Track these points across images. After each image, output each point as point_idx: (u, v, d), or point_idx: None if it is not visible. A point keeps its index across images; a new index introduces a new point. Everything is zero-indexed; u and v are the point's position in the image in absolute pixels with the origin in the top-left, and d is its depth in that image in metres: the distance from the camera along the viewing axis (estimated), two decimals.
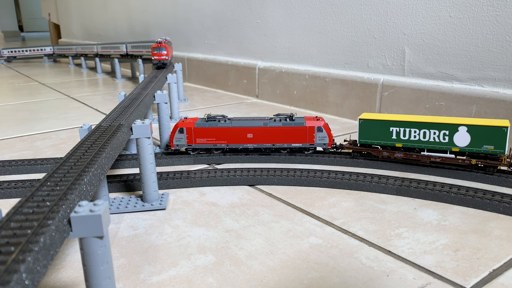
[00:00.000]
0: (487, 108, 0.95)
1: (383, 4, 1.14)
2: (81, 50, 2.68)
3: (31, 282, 0.31)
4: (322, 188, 0.76)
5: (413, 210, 0.66)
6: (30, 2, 7.40)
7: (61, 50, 2.99)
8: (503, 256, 0.53)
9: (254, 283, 0.49)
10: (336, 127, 1.17)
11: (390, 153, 0.81)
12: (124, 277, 0.51)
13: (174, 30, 2.09)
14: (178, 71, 1.54)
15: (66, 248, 0.57)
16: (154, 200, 0.69)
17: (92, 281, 0.39)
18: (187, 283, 0.49)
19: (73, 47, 2.79)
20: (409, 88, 1.10)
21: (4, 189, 0.73)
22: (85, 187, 0.46)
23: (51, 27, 4.18)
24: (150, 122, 0.67)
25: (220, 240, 0.58)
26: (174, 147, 0.87)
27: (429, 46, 1.06)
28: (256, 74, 1.59)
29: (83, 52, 2.66)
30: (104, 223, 0.38)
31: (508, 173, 0.75)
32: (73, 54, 2.82)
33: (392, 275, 0.50)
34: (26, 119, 1.34)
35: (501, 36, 0.92)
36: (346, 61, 1.27)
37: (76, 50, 2.75)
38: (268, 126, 0.85)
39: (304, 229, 0.61)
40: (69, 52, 2.88)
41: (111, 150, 0.58)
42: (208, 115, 0.88)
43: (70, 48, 2.86)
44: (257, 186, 0.77)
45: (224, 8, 1.72)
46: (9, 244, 0.33)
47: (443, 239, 0.57)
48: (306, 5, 1.36)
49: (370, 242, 0.57)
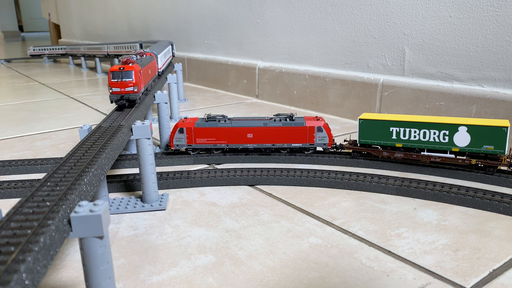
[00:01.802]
0: (487, 108, 0.95)
1: (383, 4, 1.14)
2: (94, 50, 2.50)
3: (31, 282, 0.31)
4: (322, 188, 0.76)
5: (413, 210, 0.66)
6: (30, 2, 7.40)
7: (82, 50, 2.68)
8: (503, 256, 0.53)
9: (254, 283, 0.49)
10: (336, 127, 1.17)
11: (390, 153, 0.81)
12: (124, 277, 0.51)
13: (174, 30, 2.09)
14: (178, 71, 1.54)
15: (66, 248, 0.57)
16: (154, 201, 0.69)
17: (92, 281, 0.39)
18: (187, 283, 0.49)
19: (102, 45, 2.43)
20: (409, 88, 1.10)
21: (4, 189, 0.73)
22: (85, 187, 0.46)
23: (51, 27, 4.18)
24: (150, 123, 0.67)
25: (220, 240, 0.58)
26: (174, 147, 0.87)
27: (429, 46, 1.06)
28: (256, 74, 1.59)
29: (96, 52, 2.47)
30: (104, 223, 0.38)
31: (508, 173, 0.75)
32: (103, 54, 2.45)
33: (392, 275, 0.50)
34: (26, 119, 1.34)
35: (501, 36, 0.92)
36: (346, 61, 1.27)
37: (103, 49, 2.40)
38: (268, 126, 0.85)
39: (304, 229, 0.61)
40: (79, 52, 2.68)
41: (111, 151, 0.58)
42: (208, 115, 0.88)
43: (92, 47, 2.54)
44: (257, 186, 0.77)
45: (224, 8, 1.72)
46: (9, 244, 0.33)
47: (443, 239, 0.57)
48: (306, 5, 1.36)
49: (370, 242, 0.57)
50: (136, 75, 0.82)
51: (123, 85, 0.81)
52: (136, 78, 0.82)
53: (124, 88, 0.81)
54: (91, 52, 2.51)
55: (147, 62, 0.98)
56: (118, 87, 0.81)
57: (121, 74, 0.81)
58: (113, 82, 0.81)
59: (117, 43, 2.27)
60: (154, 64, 1.13)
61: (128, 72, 0.81)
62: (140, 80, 0.85)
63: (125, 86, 0.81)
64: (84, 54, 2.59)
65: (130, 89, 0.81)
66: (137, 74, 0.82)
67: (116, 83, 0.80)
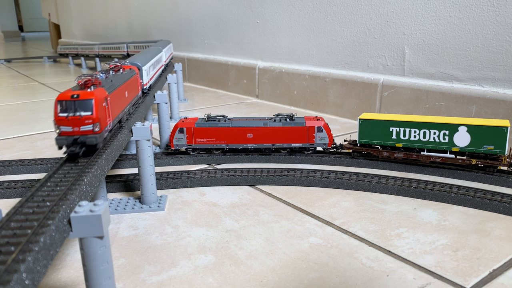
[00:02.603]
0: (487, 108, 0.95)
1: (383, 4, 1.14)
2: (111, 50, 2.30)
3: (31, 282, 0.31)
4: (322, 188, 0.76)
5: (413, 210, 0.66)
6: (30, 2, 7.40)
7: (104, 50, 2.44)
8: (503, 256, 0.53)
9: (254, 283, 0.49)
10: (336, 127, 1.17)
11: (390, 153, 0.81)
12: (124, 277, 0.51)
13: (174, 30, 2.09)
14: (178, 71, 1.54)
15: (66, 248, 0.57)
16: (153, 203, 0.69)
17: (92, 281, 0.39)
18: (187, 283, 0.49)
19: (121, 45, 2.22)
20: (409, 88, 1.10)
21: (4, 189, 0.73)
22: (85, 187, 0.46)
23: (51, 27, 4.18)
24: (150, 124, 0.67)
25: (220, 240, 0.58)
26: (174, 147, 0.87)
27: (429, 46, 1.06)
28: (256, 74, 1.59)
29: (113, 52, 2.28)
30: (104, 223, 0.38)
31: (508, 173, 0.75)
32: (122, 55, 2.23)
33: (392, 275, 0.50)
34: (26, 119, 1.34)
35: (501, 36, 0.92)
36: (346, 61, 1.27)
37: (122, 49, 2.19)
38: (268, 126, 0.85)
39: (304, 229, 0.61)
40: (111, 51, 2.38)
41: (111, 152, 0.58)
42: (208, 115, 0.88)
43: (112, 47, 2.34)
44: (257, 186, 0.77)
45: (224, 8, 1.72)
46: (9, 244, 0.33)
47: (443, 239, 0.57)
48: (306, 5, 1.36)
49: (370, 242, 0.57)
50: (98, 106, 0.54)
51: (76, 123, 0.53)
52: (97, 111, 0.54)
53: (78, 127, 0.53)
54: (106, 52, 2.28)
55: (122, 81, 0.71)
56: (69, 125, 0.53)
57: (73, 105, 0.53)
58: (61, 118, 0.53)
59: (138, 42, 2.02)
60: (136, 81, 0.85)
61: (84, 102, 0.53)
62: (105, 113, 0.57)
63: (80, 123, 0.53)
64: (99, 54, 2.37)
65: (87, 129, 0.53)
66: (99, 105, 0.54)
67: (65, 119, 0.53)
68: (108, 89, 0.60)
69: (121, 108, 0.68)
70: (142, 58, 1.03)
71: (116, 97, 0.64)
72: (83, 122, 0.53)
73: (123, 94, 0.71)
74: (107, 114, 0.59)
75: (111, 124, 0.61)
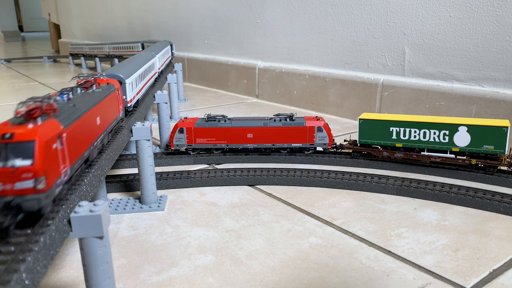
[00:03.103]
0: (487, 108, 0.95)
1: (383, 4, 1.14)
2: (122, 50, 2.17)
3: (31, 282, 0.31)
4: (322, 188, 0.76)
5: (413, 210, 0.66)
6: (30, 2, 7.40)
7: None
8: (503, 256, 0.53)
9: (254, 283, 0.49)
10: (336, 127, 1.17)
11: (390, 153, 0.81)
12: (124, 277, 0.51)
13: (174, 30, 2.09)
14: (178, 71, 1.54)
15: (66, 248, 0.57)
16: (152, 203, 0.69)
17: (92, 281, 0.39)
18: (187, 283, 0.49)
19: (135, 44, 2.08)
20: (409, 88, 1.10)
21: None
22: (85, 187, 0.46)
23: (51, 27, 4.18)
24: (150, 124, 0.67)
25: (220, 240, 0.58)
26: (174, 147, 0.87)
27: (429, 46, 1.06)
28: (256, 74, 1.59)
29: (124, 52, 2.17)
30: (104, 223, 0.38)
31: (508, 173, 0.75)
32: None
33: (392, 275, 0.50)
34: None
35: (501, 36, 0.92)
36: (346, 61, 1.27)
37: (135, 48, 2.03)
38: (268, 126, 0.85)
39: (304, 229, 0.61)
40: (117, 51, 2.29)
41: (111, 152, 0.58)
42: (208, 115, 0.88)
43: None
44: (257, 186, 0.77)
45: (224, 8, 1.72)
46: (9, 244, 0.33)
47: (443, 239, 0.57)
48: (306, 5, 1.36)
49: (370, 242, 0.57)
50: (44, 152, 0.35)
51: (8, 177, 0.34)
52: (41, 158, 0.35)
53: (12, 183, 0.34)
54: (117, 52, 2.19)
55: (92, 103, 0.52)
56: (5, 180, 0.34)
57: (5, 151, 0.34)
58: None
59: (152, 41, 1.88)
60: (115, 99, 0.65)
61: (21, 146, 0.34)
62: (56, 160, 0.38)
63: (14, 179, 0.34)
64: (109, 54, 2.28)
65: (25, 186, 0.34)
66: (44, 149, 0.35)
67: None
68: (64, 120, 0.41)
69: (88, 143, 0.49)
70: (126, 68, 0.81)
71: (79, 130, 0.45)
72: (18, 177, 0.34)
73: (93, 121, 0.51)
74: (61, 160, 0.39)
75: (69, 171, 0.41)
